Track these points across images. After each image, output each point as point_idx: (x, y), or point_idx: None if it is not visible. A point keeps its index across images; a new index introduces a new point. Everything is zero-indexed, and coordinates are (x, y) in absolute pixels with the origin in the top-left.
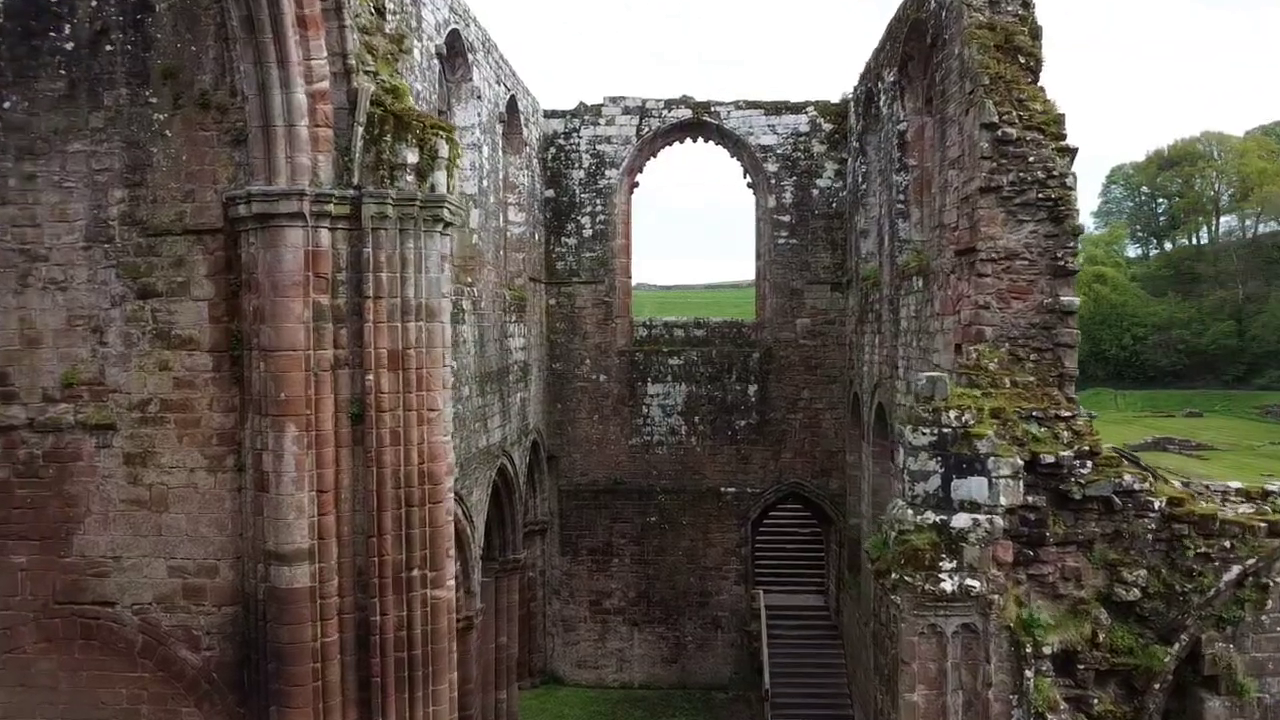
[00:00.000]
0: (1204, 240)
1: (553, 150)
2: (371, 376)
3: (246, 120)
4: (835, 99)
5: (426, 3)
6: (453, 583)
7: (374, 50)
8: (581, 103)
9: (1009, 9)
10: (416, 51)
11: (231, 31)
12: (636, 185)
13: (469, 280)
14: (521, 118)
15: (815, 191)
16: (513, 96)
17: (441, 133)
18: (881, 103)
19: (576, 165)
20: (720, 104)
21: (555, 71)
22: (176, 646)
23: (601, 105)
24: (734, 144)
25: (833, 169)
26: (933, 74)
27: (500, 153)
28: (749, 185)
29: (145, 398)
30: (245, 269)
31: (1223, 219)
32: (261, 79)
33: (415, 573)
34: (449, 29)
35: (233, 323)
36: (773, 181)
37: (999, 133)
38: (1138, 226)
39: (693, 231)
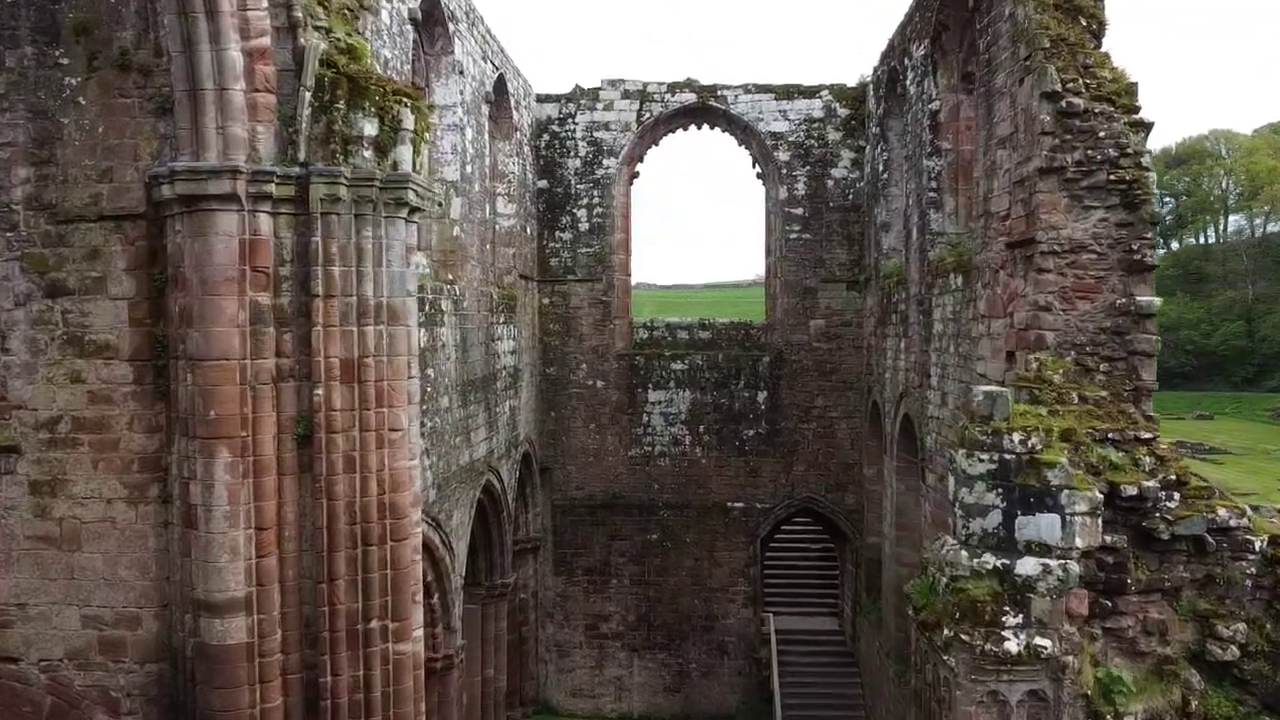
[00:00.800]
0: (1211, 239)
1: (546, 137)
2: (321, 391)
3: (173, 84)
4: (851, 82)
5: None
6: (420, 633)
7: (327, 3)
8: (577, 86)
9: None
10: (385, 14)
11: None
12: (637, 176)
13: (450, 277)
14: (511, 100)
15: (830, 182)
16: (501, 76)
17: (406, 100)
18: (908, 81)
19: (572, 154)
20: (728, 87)
21: (549, 54)
22: (92, 710)
23: (599, 89)
24: (742, 131)
25: (849, 158)
26: (974, 44)
27: (487, 137)
28: (758, 176)
29: (54, 415)
30: (171, 262)
31: (1231, 218)
32: (187, 32)
33: (374, 624)
34: None
35: (157, 326)
36: (784, 172)
37: (1063, 104)
38: None
39: (694, 229)
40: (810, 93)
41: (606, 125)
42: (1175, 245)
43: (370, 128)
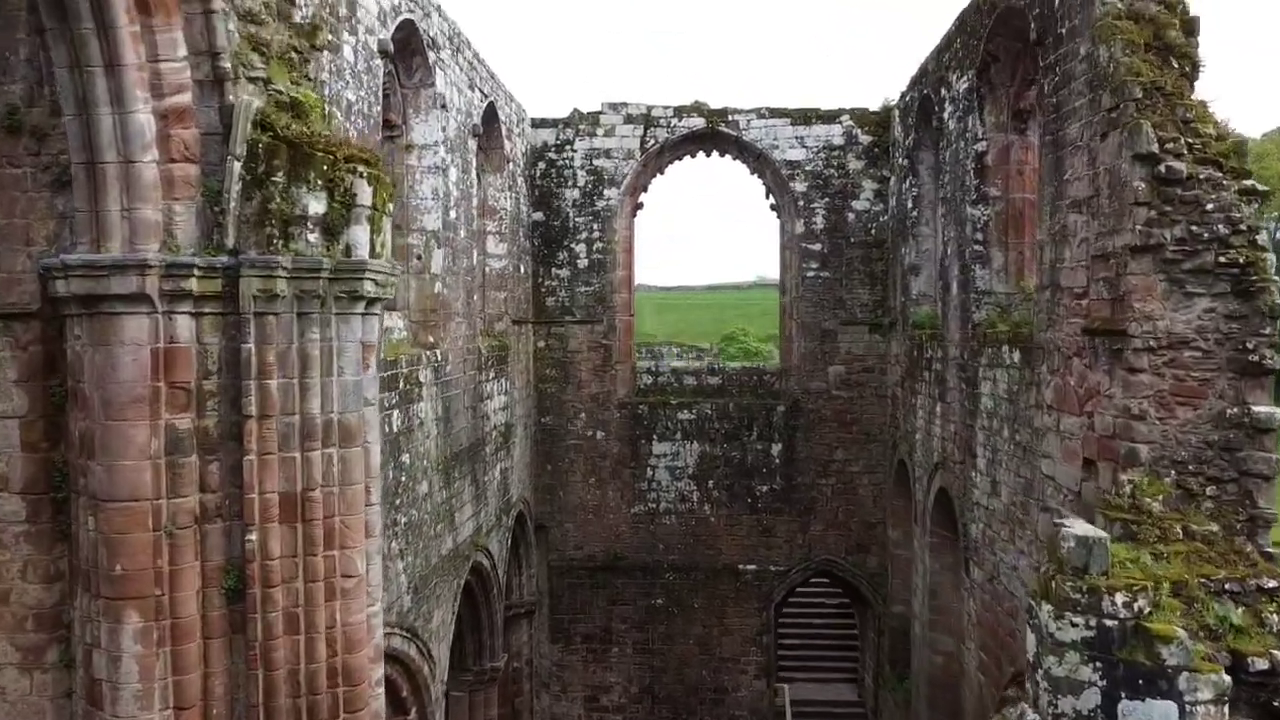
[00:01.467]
0: None
1: (541, 165)
2: (256, 534)
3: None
4: (874, 105)
5: None
6: None
7: (265, 47)
8: (576, 110)
9: None
10: (349, 48)
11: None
12: (640, 207)
13: (430, 340)
14: (503, 129)
15: (851, 215)
16: (491, 104)
17: (362, 169)
18: (946, 114)
19: (570, 183)
20: (739, 111)
21: (547, 75)
22: None
23: (599, 113)
24: (755, 158)
25: (872, 189)
26: (1028, 78)
27: (475, 174)
28: (773, 208)
29: None
30: (71, 373)
31: None
32: (82, 91)
33: None
34: (400, 19)
35: (56, 450)
36: (800, 204)
37: (1161, 168)
38: None
39: (694, 228)
40: (829, 118)
41: (607, 153)
42: None
43: (317, 205)
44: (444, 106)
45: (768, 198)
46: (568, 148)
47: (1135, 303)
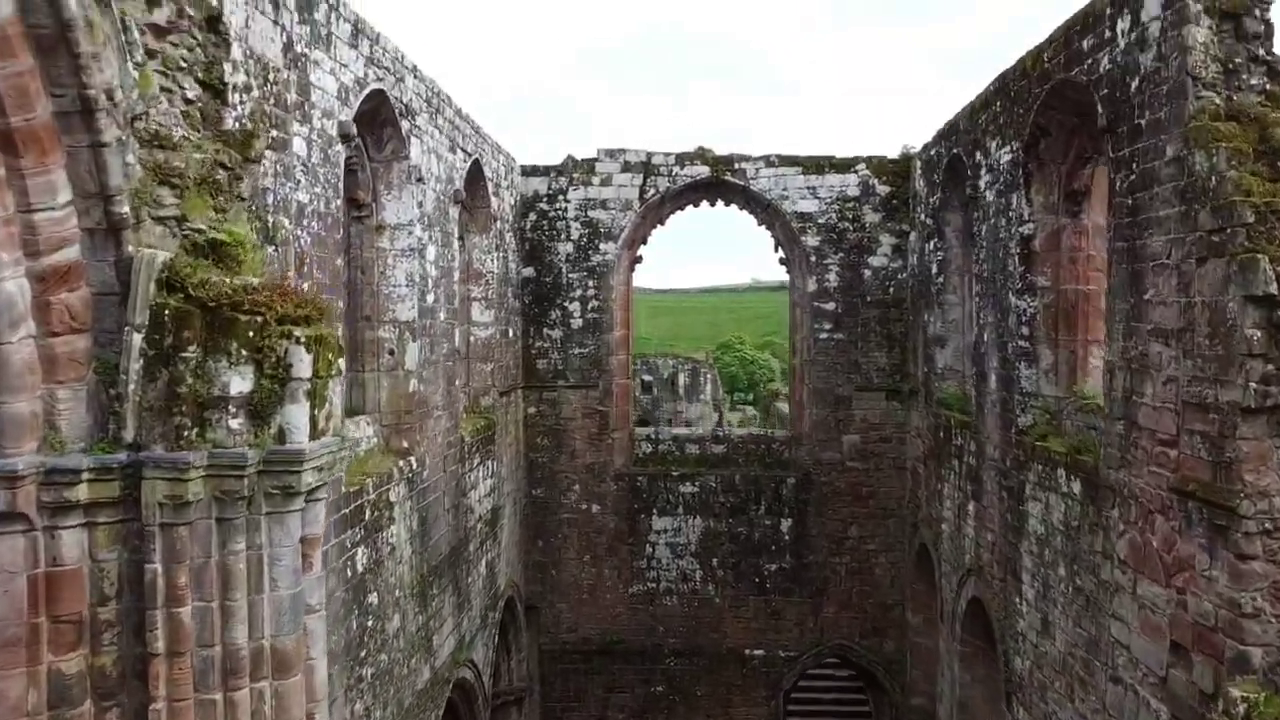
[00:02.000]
0: None
1: (533, 217)
2: None
3: None
4: (892, 152)
5: (322, 60)
6: None
7: (180, 176)
8: (570, 157)
9: (1252, 81)
10: (300, 141)
11: None
12: (639, 260)
13: (404, 445)
14: (489, 185)
15: (867, 272)
16: (476, 161)
17: (299, 331)
18: (982, 183)
19: (563, 236)
20: (746, 159)
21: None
22: None
23: (595, 160)
24: (764, 209)
25: (890, 244)
26: (1090, 158)
27: (457, 243)
28: (782, 262)
29: None
30: None
31: None
32: None
33: None
34: (368, 91)
35: None
36: (813, 259)
37: (1277, 315)
38: None
39: (687, 228)
40: (844, 166)
41: (603, 203)
42: None
43: (240, 382)
44: (420, 179)
45: (776, 250)
46: (560, 198)
47: (1246, 474)
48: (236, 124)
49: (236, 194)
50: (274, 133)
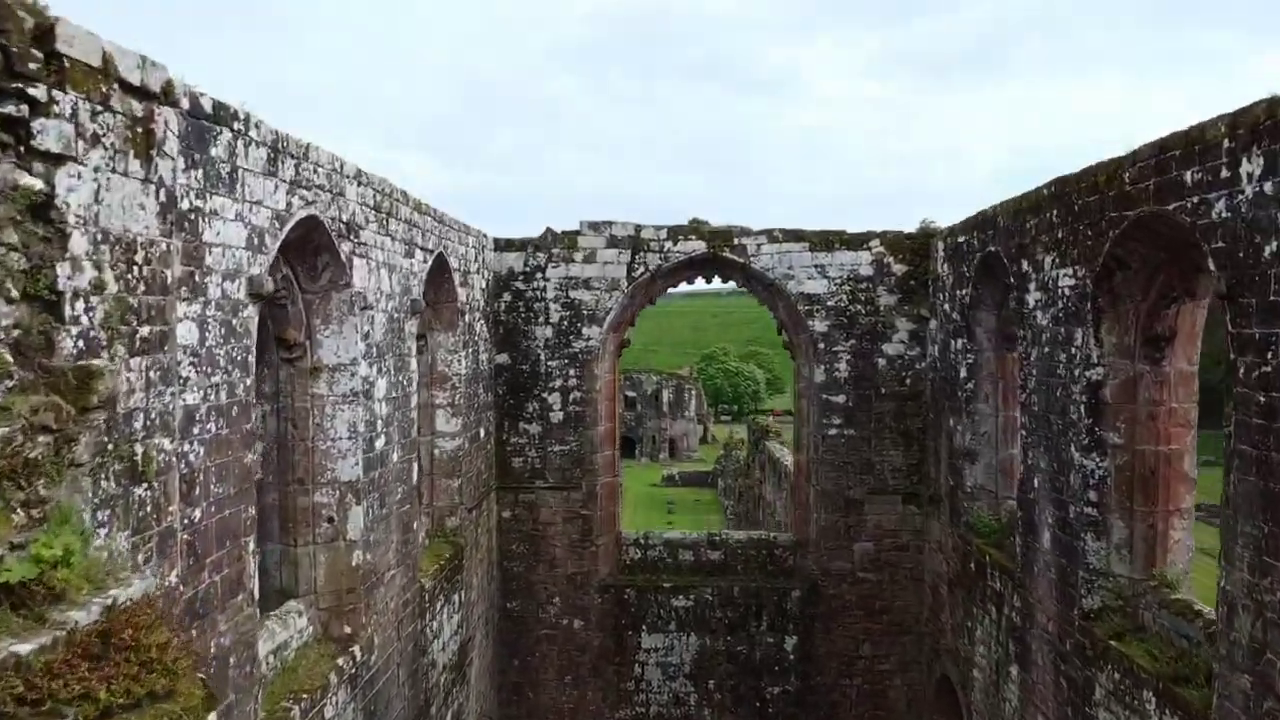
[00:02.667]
0: None
1: (507, 297)
2: None
3: None
4: (909, 226)
5: (225, 206)
6: None
7: None
8: (549, 230)
9: None
10: (188, 325)
11: None
12: (627, 344)
13: (346, 631)
14: (455, 277)
15: (882, 361)
16: (439, 255)
17: None
18: (1030, 300)
19: (541, 319)
20: (747, 233)
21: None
22: None
23: (578, 233)
24: (765, 288)
25: (907, 329)
26: (1177, 298)
27: (415, 362)
28: (786, 347)
29: None
30: None
31: None
32: None
33: None
34: (294, 221)
35: None
36: (821, 346)
37: None
38: None
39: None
40: (855, 243)
41: (587, 282)
42: None
43: None
44: (366, 305)
45: (780, 334)
46: (539, 275)
47: None
48: (76, 348)
49: (69, 461)
50: (145, 331)
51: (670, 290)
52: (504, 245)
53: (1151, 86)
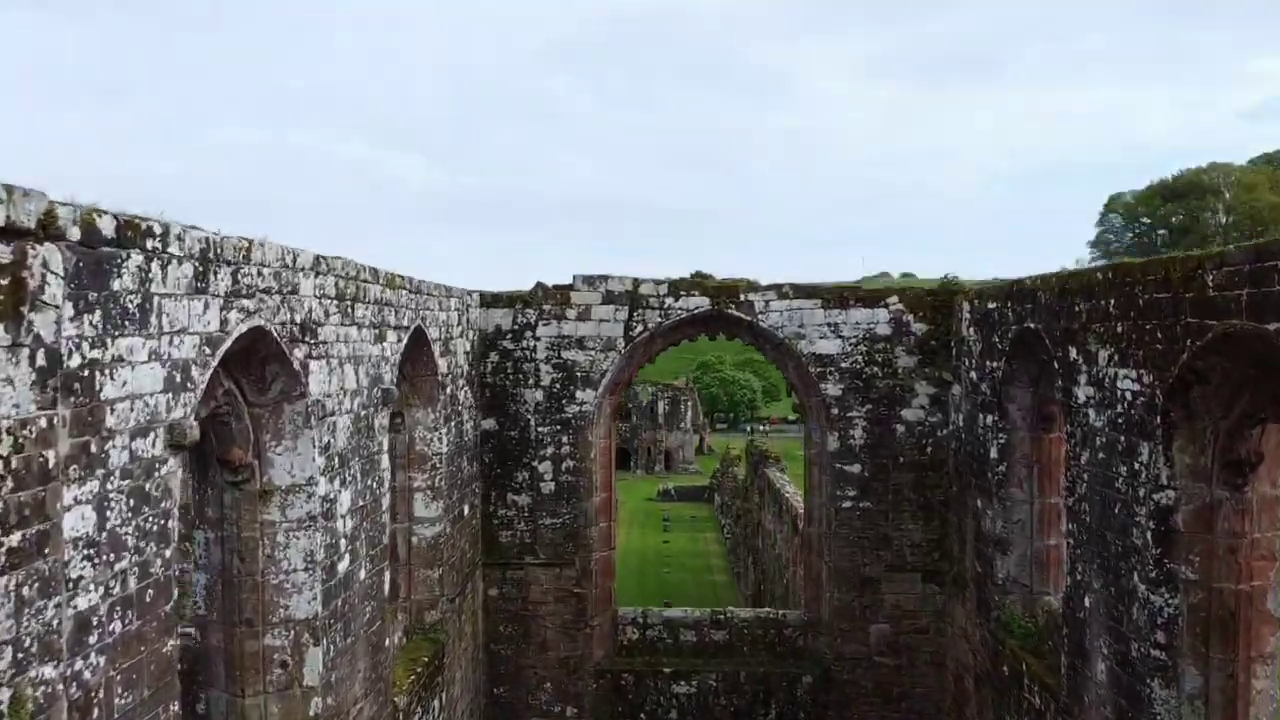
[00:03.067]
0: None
1: (494, 358)
2: None
3: None
4: (930, 276)
5: (135, 347)
6: None
7: None
8: (539, 285)
9: None
10: (78, 514)
11: None
12: (624, 409)
13: None
14: (435, 348)
15: (900, 428)
16: (417, 328)
17: None
18: (1081, 394)
19: (531, 382)
20: (754, 288)
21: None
22: None
23: (570, 288)
24: (774, 348)
25: (927, 394)
26: (1265, 419)
27: (384, 460)
28: (796, 409)
29: None
30: None
31: None
32: None
33: None
34: (236, 335)
35: None
36: (834, 411)
37: None
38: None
39: (667, 230)
40: (872, 300)
41: (581, 342)
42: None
43: None
44: (326, 414)
45: (790, 396)
46: (528, 334)
47: None
48: None
49: None
50: (15, 539)
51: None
52: (490, 301)
53: (1146, 88)
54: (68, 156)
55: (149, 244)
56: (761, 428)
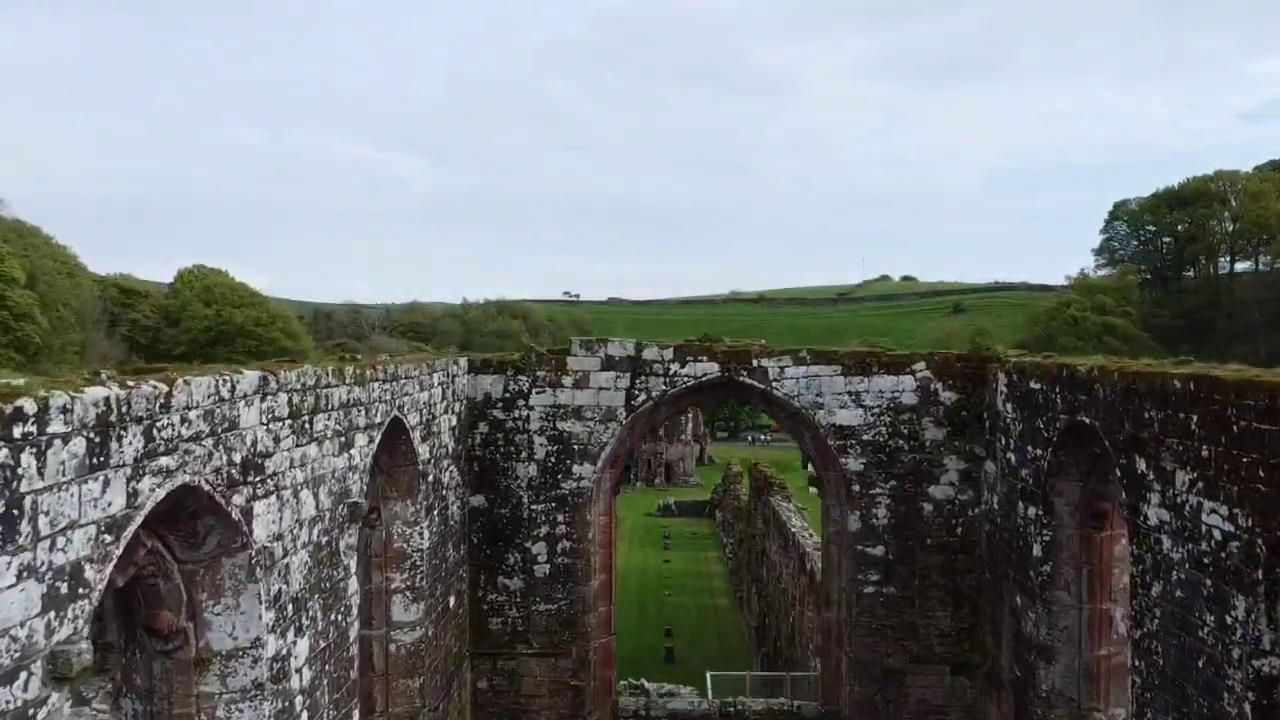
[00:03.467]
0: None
1: (484, 428)
2: None
3: None
4: (959, 345)
5: (22, 526)
6: None
7: None
8: (531, 349)
9: None
10: None
11: None
12: (625, 480)
13: None
14: (415, 435)
15: (928, 506)
16: (394, 419)
17: None
18: (1153, 516)
19: (523, 455)
20: (768, 352)
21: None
22: None
23: (567, 352)
24: (790, 417)
25: (957, 469)
26: None
27: (351, 584)
28: (812, 481)
29: None
30: None
31: (1238, 265)
32: None
33: None
34: (156, 501)
35: None
36: (856, 488)
37: None
38: (1144, 267)
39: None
40: (897, 366)
41: (578, 412)
42: (1172, 286)
43: None
44: (274, 560)
45: (805, 468)
46: (520, 403)
47: None
48: None
49: None
50: None
51: (662, 297)
52: (479, 366)
53: (1145, 89)
54: (68, 157)
55: (18, 430)
56: (763, 438)
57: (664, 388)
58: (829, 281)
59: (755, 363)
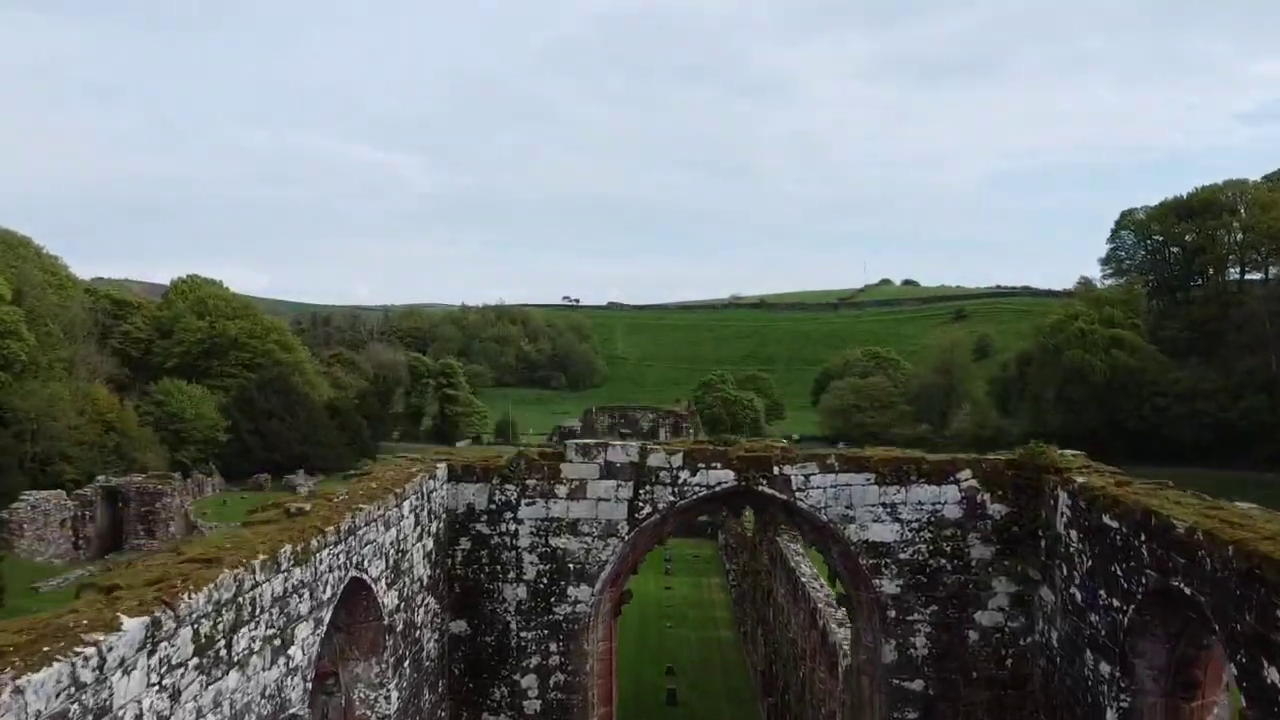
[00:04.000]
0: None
1: (465, 544)
2: None
3: None
4: (1008, 449)
5: None
6: None
7: None
8: (520, 453)
9: None
10: None
11: None
12: (627, 598)
13: None
14: (377, 588)
15: (974, 635)
16: (353, 578)
17: None
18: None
19: (511, 575)
20: (791, 458)
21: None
22: None
23: (561, 457)
24: (816, 530)
25: (1008, 592)
26: None
27: None
28: (842, 600)
29: None
30: None
31: (1248, 276)
32: None
33: None
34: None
35: None
36: (891, 614)
37: None
38: (1151, 277)
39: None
40: (938, 474)
41: (574, 526)
42: (1179, 295)
43: None
44: None
45: (834, 584)
46: (508, 515)
47: None
48: None
49: None
50: None
51: (663, 302)
52: (461, 474)
53: (1145, 89)
54: (67, 158)
55: None
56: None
57: (672, 499)
58: (830, 285)
59: (776, 470)
